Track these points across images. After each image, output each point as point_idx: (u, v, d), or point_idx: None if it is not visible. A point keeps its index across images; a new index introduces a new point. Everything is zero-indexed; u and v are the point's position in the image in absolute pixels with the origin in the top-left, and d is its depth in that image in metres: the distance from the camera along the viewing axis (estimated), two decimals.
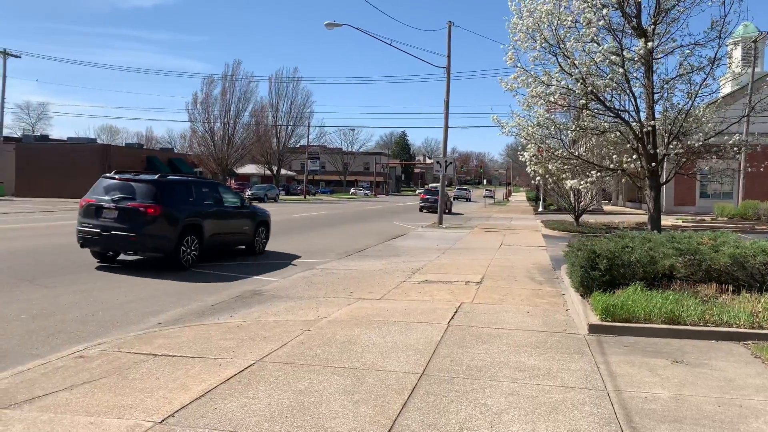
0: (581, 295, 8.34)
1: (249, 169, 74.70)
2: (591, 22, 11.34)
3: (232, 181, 71.10)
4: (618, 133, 12.88)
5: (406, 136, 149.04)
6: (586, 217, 27.80)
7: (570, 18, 11.68)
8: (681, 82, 12.03)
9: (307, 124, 69.18)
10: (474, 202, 71.82)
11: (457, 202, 62.94)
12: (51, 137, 68.33)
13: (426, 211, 38.39)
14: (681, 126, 12.07)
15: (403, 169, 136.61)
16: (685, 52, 11.71)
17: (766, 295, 7.59)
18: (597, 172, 13.15)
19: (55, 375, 5.04)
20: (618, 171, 13.12)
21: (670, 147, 12.29)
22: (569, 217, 27.43)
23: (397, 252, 15.55)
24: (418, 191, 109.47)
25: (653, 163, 12.20)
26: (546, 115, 13.03)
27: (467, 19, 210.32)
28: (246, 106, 56.32)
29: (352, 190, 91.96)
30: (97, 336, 6.61)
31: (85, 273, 10.78)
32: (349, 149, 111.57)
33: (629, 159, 12.75)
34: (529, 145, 13.75)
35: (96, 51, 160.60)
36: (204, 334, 6.50)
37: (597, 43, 11.59)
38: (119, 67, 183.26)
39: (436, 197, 41.77)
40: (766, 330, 6.62)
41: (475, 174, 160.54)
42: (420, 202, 40.62)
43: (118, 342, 6.14)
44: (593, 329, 6.85)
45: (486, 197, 64.64)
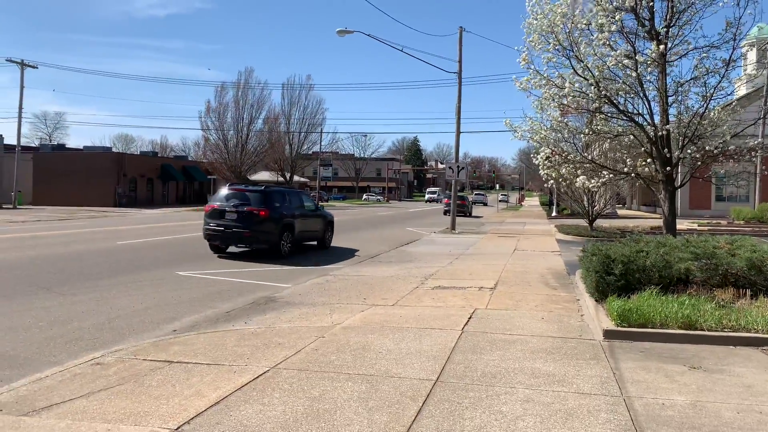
0: (596, 300, 8.28)
1: (262, 175, 74.91)
2: (604, 26, 11.32)
3: None
4: (632, 137, 12.81)
5: (418, 141, 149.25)
6: (600, 222, 27.61)
7: (584, 21, 11.66)
8: (695, 84, 11.96)
9: (319, 131, 69.39)
10: (490, 206, 73.91)
11: (475, 206, 64.54)
12: (67, 146, 69.22)
13: (449, 215, 41.34)
14: (696, 129, 11.97)
15: (416, 175, 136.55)
16: (700, 55, 11.64)
17: None
18: (610, 174, 13.06)
19: (72, 382, 5.09)
20: (632, 175, 13.03)
21: (685, 150, 12.19)
22: (583, 222, 27.26)
23: (410, 258, 15.55)
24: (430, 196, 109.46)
25: (668, 167, 12.11)
26: (559, 118, 12.99)
27: (479, 24, 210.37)
28: (259, 114, 56.60)
29: (365, 196, 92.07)
30: (113, 343, 6.67)
31: (103, 280, 10.89)
32: (362, 155, 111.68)
33: (643, 163, 12.66)
34: (542, 148, 13.72)
35: (111, 60, 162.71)
36: (219, 341, 6.54)
37: (610, 47, 11.55)
38: (134, 76, 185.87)
39: (459, 201, 45.55)
40: None
41: (487, 179, 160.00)
42: (444, 206, 45.31)
43: (134, 349, 6.20)
44: (609, 335, 6.79)
45: (501, 201, 70.80)
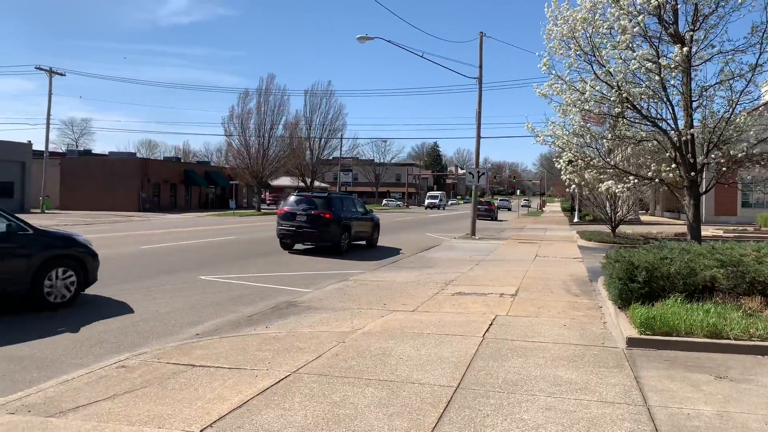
0: (619, 307, 8.18)
1: (283, 181, 75.56)
2: (626, 29, 11.21)
3: (267, 193, 72.12)
4: (655, 142, 12.65)
5: (437, 146, 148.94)
6: (623, 228, 27.26)
7: (605, 25, 11.57)
8: (721, 89, 11.77)
9: (340, 137, 69.75)
10: (514, 211, 75.55)
11: (500, 211, 67.06)
12: (93, 152, 70.56)
13: (477, 218, 44.94)
14: (721, 134, 11.78)
15: (435, 180, 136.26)
16: (725, 59, 11.47)
17: None
18: (635, 179, 12.91)
19: (98, 384, 5.18)
20: (655, 180, 12.86)
21: (710, 156, 12.00)
22: (605, 228, 26.94)
23: (429, 263, 15.52)
24: (450, 202, 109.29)
25: (692, 173, 11.93)
26: (581, 123, 12.88)
27: (499, 28, 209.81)
28: (280, 120, 57.16)
29: (384, 201, 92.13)
30: (137, 346, 6.77)
31: (127, 284, 11.06)
32: (381, 161, 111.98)
33: (667, 168, 12.49)
34: (564, 153, 13.61)
35: (136, 67, 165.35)
36: (240, 345, 6.60)
37: (632, 50, 11.43)
38: (158, 82, 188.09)
39: (486, 206, 51.17)
40: None
41: (508, 184, 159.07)
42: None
43: (157, 352, 6.28)
44: (632, 342, 6.71)
45: (523, 206, 74.58)
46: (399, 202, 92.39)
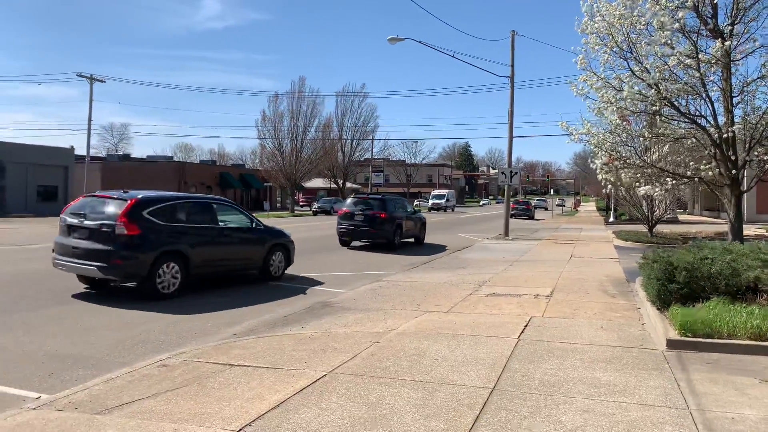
0: (658, 308, 8.02)
1: (315, 182, 76.25)
2: (665, 25, 10.97)
3: (300, 195, 72.80)
4: (694, 140, 12.35)
5: (469, 146, 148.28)
6: (660, 227, 26.68)
7: (642, 21, 11.34)
8: (763, 84, 11.44)
9: (371, 138, 69.97)
10: (550, 211, 75.77)
11: (537, 210, 68.59)
12: (132, 156, 72.32)
13: (517, 217, 49.52)
14: (763, 130, 11.44)
15: (467, 180, 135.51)
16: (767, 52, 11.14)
17: None
18: (672, 180, 12.63)
19: (140, 383, 5.32)
20: (695, 179, 12.56)
21: (752, 153, 11.67)
22: (642, 228, 26.41)
23: (462, 264, 15.45)
24: (482, 202, 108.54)
25: (733, 170, 11.62)
26: (618, 122, 12.64)
27: (531, 26, 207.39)
28: (312, 122, 57.66)
29: (416, 202, 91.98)
30: (177, 346, 6.93)
31: None
32: (413, 161, 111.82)
33: (707, 166, 12.18)
34: (599, 152, 13.40)
35: (172, 73, 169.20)
36: (277, 345, 6.69)
37: (671, 47, 11.19)
38: (193, 87, 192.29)
39: (525, 206, 54.94)
40: None
41: (541, 183, 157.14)
42: (512, 211, 49.90)
43: (197, 352, 6.41)
44: (672, 344, 6.57)
45: (558, 205, 76.37)
46: None
